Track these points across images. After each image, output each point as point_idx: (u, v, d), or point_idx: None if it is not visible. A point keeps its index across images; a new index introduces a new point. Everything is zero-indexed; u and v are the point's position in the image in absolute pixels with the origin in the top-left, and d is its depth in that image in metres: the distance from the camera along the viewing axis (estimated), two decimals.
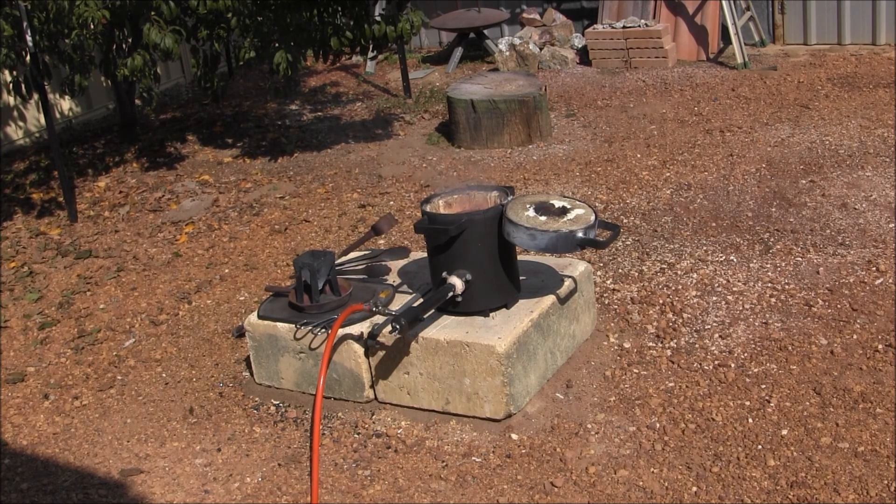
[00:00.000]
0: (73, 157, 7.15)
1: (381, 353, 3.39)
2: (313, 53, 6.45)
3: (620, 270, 4.36)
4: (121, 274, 5.05)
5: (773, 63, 8.00)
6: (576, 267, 3.74)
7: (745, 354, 3.54)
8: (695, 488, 2.85)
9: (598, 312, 3.92)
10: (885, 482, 2.77)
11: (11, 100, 7.35)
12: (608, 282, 4.26)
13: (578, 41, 9.02)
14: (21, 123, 7.72)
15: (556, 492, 2.90)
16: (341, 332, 3.34)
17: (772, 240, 4.52)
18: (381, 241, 4.90)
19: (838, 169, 5.36)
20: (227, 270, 4.94)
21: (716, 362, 3.51)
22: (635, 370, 3.52)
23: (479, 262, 3.34)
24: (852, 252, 4.29)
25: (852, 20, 8.29)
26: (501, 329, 3.29)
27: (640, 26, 8.41)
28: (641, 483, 2.89)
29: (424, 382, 3.35)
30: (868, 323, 3.66)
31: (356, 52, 6.66)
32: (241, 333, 4.00)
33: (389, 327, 3.16)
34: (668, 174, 5.59)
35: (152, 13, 5.56)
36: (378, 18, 6.41)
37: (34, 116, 7.72)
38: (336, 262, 3.68)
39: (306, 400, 3.55)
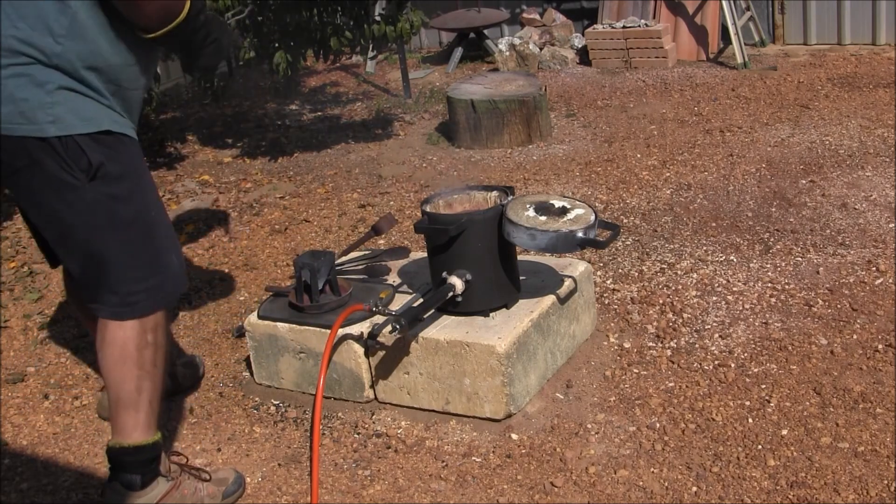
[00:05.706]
0: None
1: (381, 353, 3.39)
2: (313, 53, 6.45)
3: (620, 270, 4.36)
4: None
5: (773, 63, 8.00)
6: (576, 267, 3.74)
7: (745, 354, 3.54)
8: (695, 488, 2.84)
9: (598, 312, 3.92)
10: (885, 482, 2.77)
11: None
12: (608, 282, 4.25)
13: (578, 41, 9.02)
14: None
15: (556, 492, 2.90)
16: (341, 332, 3.34)
17: (772, 240, 4.52)
18: (381, 241, 4.90)
19: (838, 169, 5.36)
20: (226, 270, 4.94)
21: (716, 362, 3.51)
22: (635, 370, 3.52)
23: (479, 262, 3.34)
24: (852, 252, 4.29)
25: (852, 20, 8.30)
26: (501, 329, 3.29)
27: (640, 26, 8.42)
28: (641, 483, 2.89)
29: (424, 382, 3.35)
30: (868, 323, 3.66)
31: (356, 52, 6.66)
32: (241, 333, 4.00)
33: (389, 327, 3.16)
34: (668, 174, 5.59)
35: None
36: (378, 18, 6.41)
37: None
38: (336, 262, 3.68)
39: (306, 400, 3.55)
